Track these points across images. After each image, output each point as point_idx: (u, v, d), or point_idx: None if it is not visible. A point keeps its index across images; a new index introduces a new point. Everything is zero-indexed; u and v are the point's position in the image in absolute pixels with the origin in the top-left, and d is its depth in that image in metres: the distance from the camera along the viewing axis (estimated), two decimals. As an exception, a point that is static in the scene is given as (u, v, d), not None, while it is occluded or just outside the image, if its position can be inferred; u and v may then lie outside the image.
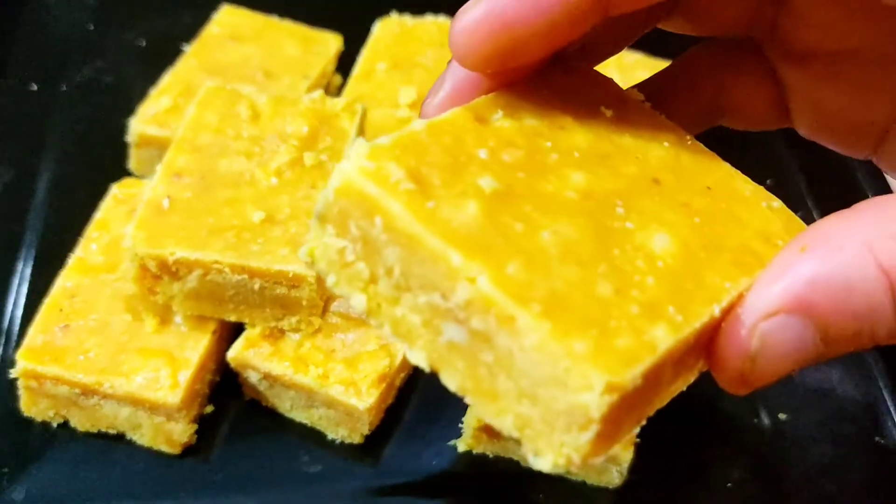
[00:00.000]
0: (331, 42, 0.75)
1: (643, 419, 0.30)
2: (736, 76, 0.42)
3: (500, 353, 0.28)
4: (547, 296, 0.27)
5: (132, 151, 0.68)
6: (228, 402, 0.59)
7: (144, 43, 0.80)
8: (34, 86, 0.76)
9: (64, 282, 0.58)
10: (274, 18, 0.76)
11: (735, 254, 0.31)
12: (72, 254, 0.59)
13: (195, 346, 0.55)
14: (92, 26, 0.81)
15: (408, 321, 0.29)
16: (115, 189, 0.63)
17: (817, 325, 0.28)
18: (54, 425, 0.56)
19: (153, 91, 0.69)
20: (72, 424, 0.56)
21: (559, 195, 0.31)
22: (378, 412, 0.56)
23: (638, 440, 0.54)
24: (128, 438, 0.56)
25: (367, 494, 0.55)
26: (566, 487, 0.56)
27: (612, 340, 0.27)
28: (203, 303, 0.56)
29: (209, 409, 0.58)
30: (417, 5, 0.77)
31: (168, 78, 0.70)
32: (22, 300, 0.61)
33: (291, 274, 0.54)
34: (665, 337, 0.28)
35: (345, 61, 0.76)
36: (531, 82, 0.34)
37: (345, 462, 0.56)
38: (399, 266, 0.29)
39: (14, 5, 0.81)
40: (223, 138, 0.59)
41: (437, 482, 0.56)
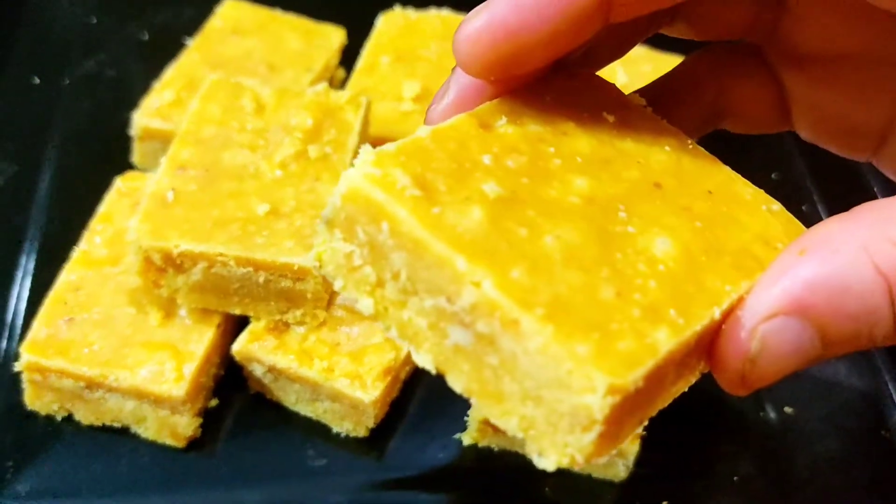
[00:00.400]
0: (334, 35, 0.75)
1: (645, 420, 0.31)
2: (737, 80, 0.42)
3: (505, 356, 0.28)
4: (550, 300, 0.28)
5: (135, 145, 0.68)
6: (233, 396, 0.58)
7: (147, 36, 0.80)
8: (37, 79, 0.76)
9: (68, 275, 0.57)
10: (277, 12, 0.76)
11: (735, 257, 0.32)
12: (75, 247, 0.59)
13: (200, 339, 0.55)
14: (94, 20, 0.81)
15: (414, 324, 0.30)
16: (119, 182, 0.62)
17: (816, 327, 0.29)
18: (58, 419, 0.56)
19: (156, 84, 0.69)
20: (76, 418, 0.56)
21: (562, 200, 0.31)
22: (383, 405, 0.56)
23: (644, 434, 0.54)
24: (132, 432, 0.56)
25: (372, 488, 0.55)
26: (572, 481, 0.55)
27: (615, 343, 0.28)
28: (208, 296, 0.55)
29: (214, 403, 0.58)
30: (421, -2, 0.78)
31: (171, 71, 0.70)
32: (25, 294, 0.61)
33: (296, 266, 0.53)
34: (666, 339, 0.28)
35: (348, 55, 0.76)
36: (534, 88, 0.35)
37: (350, 455, 0.56)
38: (405, 270, 0.29)
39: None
40: (227, 131, 0.59)
41: (442, 476, 0.56)
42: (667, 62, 0.70)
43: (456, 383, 0.30)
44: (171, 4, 0.82)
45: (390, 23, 0.76)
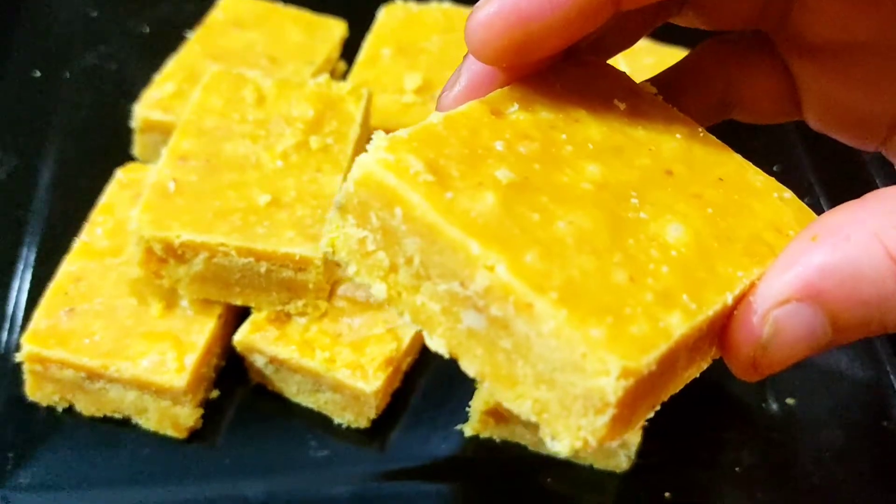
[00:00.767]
0: (335, 28, 0.75)
1: (658, 404, 0.31)
2: (747, 70, 0.42)
3: (519, 340, 0.28)
4: (564, 284, 0.28)
5: (136, 137, 0.68)
6: (234, 387, 0.58)
7: (148, 30, 0.80)
8: (38, 72, 0.76)
9: (69, 266, 0.57)
10: (278, 4, 0.76)
11: (747, 244, 0.32)
12: (76, 238, 0.59)
13: (201, 330, 0.55)
14: (95, 13, 0.81)
15: (428, 309, 0.30)
16: (120, 174, 0.62)
17: (827, 313, 0.29)
18: (60, 410, 0.56)
19: (157, 76, 0.69)
20: (77, 409, 0.56)
21: (574, 186, 0.31)
22: (385, 396, 0.56)
23: (646, 425, 0.54)
24: (133, 423, 0.56)
25: (374, 479, 0.55)
26: (574, 471, 0.55)
27: (628, 327, 0.28)
28: (209, 286, 0.55)
29: (215, 394, 0.58)
30: (422, -9, 0.77)
31: (172, 63, 0.70)
32: (26, 286, 0.61)
33: (298, 257, 0.53)
34: (679, 324, 0.29)
35: (349, 48, 0.75)
36: (545, 75, 0.35)
37: (351, 446, 0.56)
38: (419, 255, 0.30)
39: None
40: (228, 122, 0.59)
41: (444, 467, 0.56)
42: (669, 55, 0.70)
43: (469, 367, 0.30)
44: (172, -3, 0.82)
45: (391, 15, 0.76)
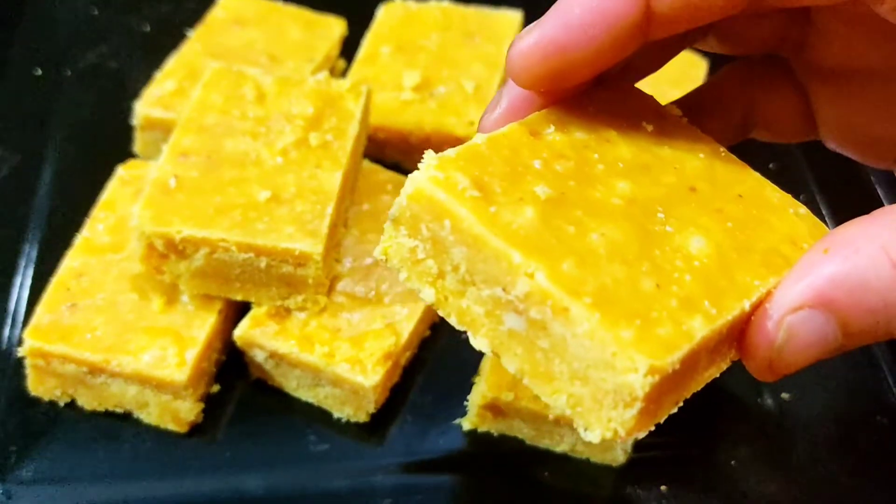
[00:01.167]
0: (335, 26, 0.76)
1: (681, 401, 0.33)
2: (766, 93, 0.45)
3: (555, 340, 0.32)
4: (597, 290, 0.31)
5: (137, 134, 0.68)
6: (235, 382, 0.59)
7: (148, 28, 0.80)
8: (39, 71, 0.76)
9: (71, 262, 0.58)
10: (278, 3, 0.77)
11: (764, 255, 0.35)
12: (78, 234, 0.59)
13: (202, 325, 0.56)
14: (96, 11, 0.81)
15: (472, 312, 0.33)
16: (121, 170, 0.63)
17: (838, 319, 0.31)
18: (61, 404, 0.57)
19: (158, 74, 0.69)
20: (79, 403, 0.57)
21: (606, 202, 0.35)
22: (384, 390, 0.57)
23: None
24: (135, 417, 0.56)
25: (373, 473, 0.55)
26: (571, 465, 0.56)
27: (655, 329, 0.31)
28: (209, 281, 0.56)
29: (216, 389, 0.58)
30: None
31: (173, 61, 0.70)
32: (28, 282, 0.62)
33: (297, 252, 0.54)
34: (701, 326, 0.32)
35: (349, 46, 0.76)
36: (579, 99, 0.38)
37: (351, 441, 0.57)
38: (465, 263, 0.33)
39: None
40: (229, 119, 0.59)
41: (443, 461, 0.56)
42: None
43: (510, 364, 0.33)
44: (173, -4, 0.82)
45: (391, 13, 0.76)
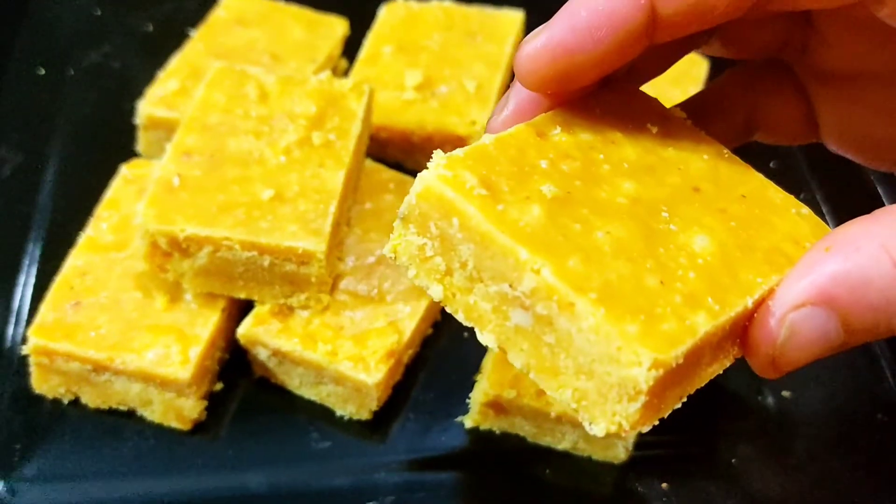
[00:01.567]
0: (337, 26, 0.76)
1: (685, 396, 0.34)
2: (769, 96, 0.46)
3: (561, 335, 0.32)
4: (602, 286, 0.32)
5: (140, 134, 0.69)
6: (238, 380, 0.59)
7: (151, 28, 0.80)
8: (42, 70, 0.77)
9: (75, 260, 0.58)
10: (280, 2, 0.77)
11: (766, 254, 0.35)
12: (82, 233, 0.60)
13: (205, 323, 0.56)
14: (99, 11, 0.82)
15: (479, 308, 0.34)
16: (125, 169, 0.63)
17: (840, 317, 0.32)
18: (65, 402, 0.57)
19: (161, 74, 0.70)
20: (82, 401, 0.57)
21: (611, 201, 0.35)
22: (386, 388, 0.57)
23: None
24: (138, 415, 0.57)
25: (375, 470, 0.55)
26: (572, 463, 0.56)
27: (659, 325, 0.31)
28: (213, 280, 0.56)
29: (219, 387, 0.58)
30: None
31: (175, 61, 0.70)
32: (32, 280, 0.62)
33: (300, 250, 0.54)
34: (704, 322, 0.32)
35: (351, 45, 0.76)
36: (585, 101, 0.39)
37: (353, 438, 0.57)
38: (472, 260, 0.33)
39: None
40: (232, 118, 0.60)
41: (445, 458, 0.57)
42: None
43: (516, 360, 0.34)
44: (175, -4, 0.83)
45: (392, 13, 0.76)
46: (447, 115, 0.69)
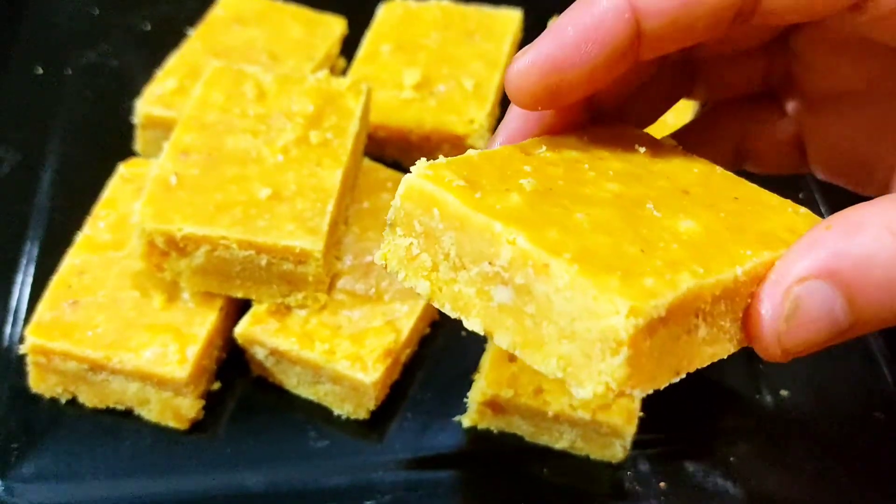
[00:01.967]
0: (335, 25, 0.76)
1: (680, 370, 0.33)
2: (757, 126, 0.47)
3: (541, 302, 0.32)
4: (578, 250, 0.32)
5: (138, 133, 0.69)
6: (235, 379, 0.59)
7: (149, 27, 0.80)
8: (40, 69, 0.77)
9: (72, 259, 0.58)
10: (278, 1, 0.77)
11: (759, 235, 0.35)
12: (79, 232, 0.60)
13: (203, 322, 0.56)
14: (97, 10, 0.82)
15: (464, 295, 0.34)
16: (122, 168, 0.63)
17: (844, 293, 0.32)
18: (63, 401, 0.57)
19: (158, 73, 0.70)
20: (80, 400, 0.57)
21: (594, 195, 0.35)
22: (384, 387, 0.57)
23: (641, 415, 0.55)
24: (136, 414, 0.57)
25: (373, 469, 0.55)
26: (570, 462, 0.56)
27: (639, 279, 0.31)
28: (210, 279, 0.56)
29: (216, 386, 0.58)
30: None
31: (173, 60, 0.71)
32: (29, 279, 0.62)
33: (298, 249, 0.54)
34: (687, 279, 0.31)
35: (349, 44, 0.76)
36: (574, 133, 0.40)
37: (351, 438, 0.57)
38: (454, 247, 0.34)
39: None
40: (229, 117, 0.60)
41: (442, 457, 0.57)
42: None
43: (502, 340, 0.33)
44: (173, -5, 0.83)
45: (390, 12, 0.76)
46: (445, 114, 0.69)
